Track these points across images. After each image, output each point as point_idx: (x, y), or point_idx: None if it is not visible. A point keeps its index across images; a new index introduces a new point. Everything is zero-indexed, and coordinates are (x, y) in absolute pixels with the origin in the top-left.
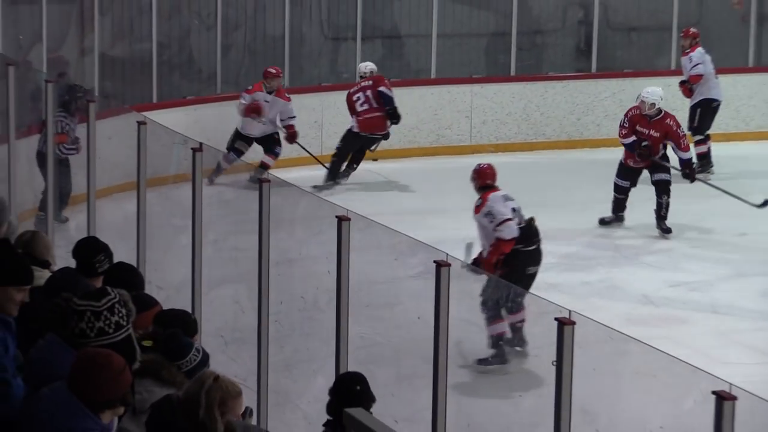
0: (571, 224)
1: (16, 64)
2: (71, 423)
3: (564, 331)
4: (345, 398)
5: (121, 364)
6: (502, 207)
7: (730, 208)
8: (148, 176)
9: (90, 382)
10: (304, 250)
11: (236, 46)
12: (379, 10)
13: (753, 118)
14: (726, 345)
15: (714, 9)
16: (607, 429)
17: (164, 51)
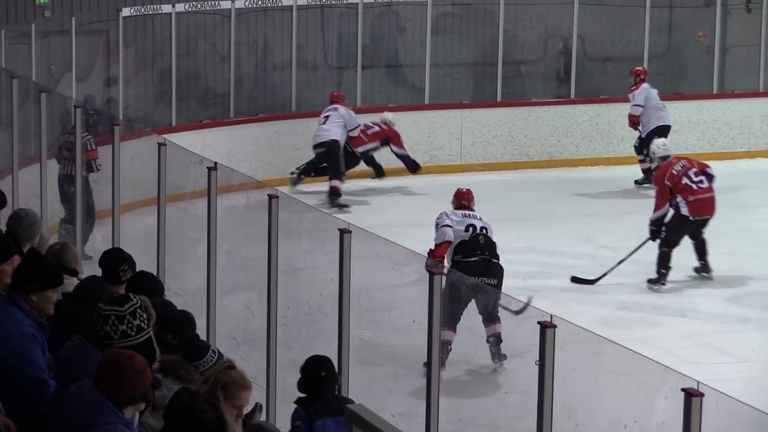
0: (552, 236)
1: (47, 92)
2: (96, 417)
3: (546, 334)
4: (312, 381)
5: (143, 363)
6: (446, 218)
7: None
8: (167, 193)
9: (114, 380)
10: (309, 259)
11: (247, 75)
12: (377, 42)
13: (717, 140)
14: (693, 346)
15: (681, 41)
16: (585, 423)
17: (182, 79)
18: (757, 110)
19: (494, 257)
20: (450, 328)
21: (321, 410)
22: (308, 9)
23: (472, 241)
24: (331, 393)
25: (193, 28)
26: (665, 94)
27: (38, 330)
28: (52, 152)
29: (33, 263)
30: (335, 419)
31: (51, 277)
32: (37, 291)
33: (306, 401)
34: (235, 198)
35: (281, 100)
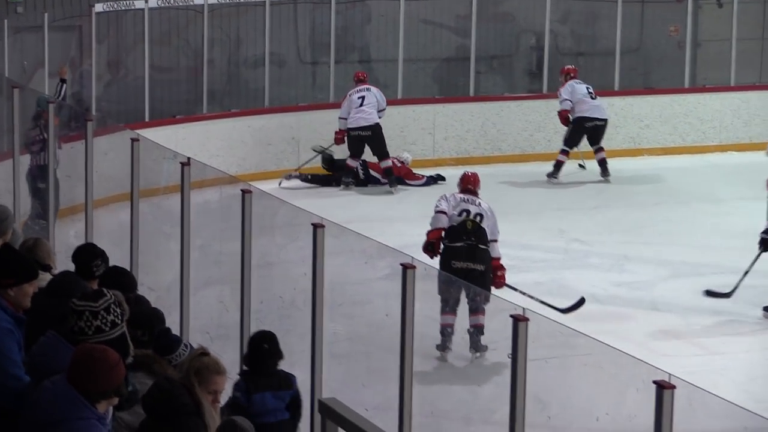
0: (524, 230)
1: (20, 87)
2: (70, 412)
3: (518, 327)
4: (254, 354)
5: (116, 358)
6: (444, 202)
7: (669, 215)
8: (140, 188)
9: (87, 375)
10: (283, 254)
11: (220, 70)
12: (350, 37)
13: (689, 134)
14: (665, 339)
15: (653, 36)
16: (557, 415)
17: (155, 75)
18: (729, 104)
19: (482, 243)
20: (450, 313)
21: (262, 384)
22: (281, 4)
23: (461, 227)
24: (273, 368)
25: (166, 24)
26: (637, 89)
27: (15, 325)
28: (24, 148)
29: (8, 258)
30: (274, 393)
31: (27, 271)
32: (14, 285)
33: (248, 374)
34: (209, 193)
35: (254, 95)
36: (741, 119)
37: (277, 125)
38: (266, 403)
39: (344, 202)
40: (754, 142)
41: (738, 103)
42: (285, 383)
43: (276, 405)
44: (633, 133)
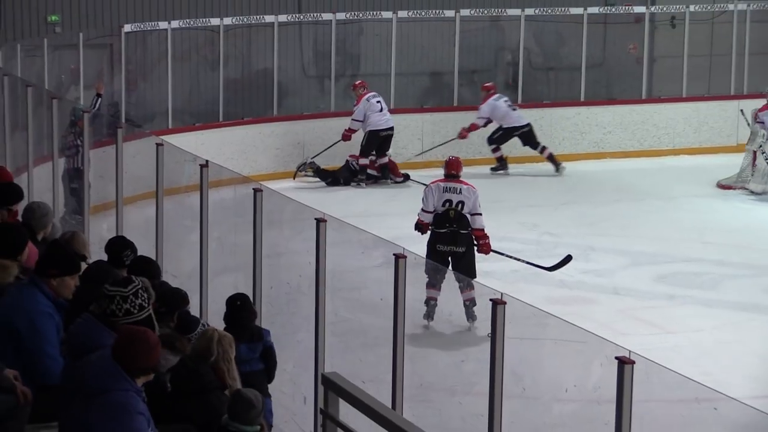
0: (503, 223)
1: (58, 98)
2: (113, 384)
3: (497, 310)
4: (230, 310)
5: (155, 340)
6: (429, 196)
7: (628, 210)
8: (164, 187)
9: (129, 353)
10: (290, 245)
11: (234, 83)
12: (348, 53)
13: (646, 139)
14: (625, 319)
15: (614, 53)
16: (531, 387)
17: (177, 87)
18: (681, 113)
19: (462, 229)
20: (435, 288)
21: (237, 336)
22: (288, 25)
23: (444, 215)
24: (247, 323)
25: (186, 42)
26: (600, 99)
27: (55, 310)
28: (60, 153)
29: (55, 252)
30: (248, 345)
31: (70, 265)
32: (57, 276)
33: (227, 329)
34: (224, 192)
35: (264, 105)
36: (691, 126)
37: (285, 132)
38: (240, 354)
39: (343, 199)
40: (703, 147)
41: (689, 112)
42: (257, 336)
43: (249, 355)
44: (597, 138)
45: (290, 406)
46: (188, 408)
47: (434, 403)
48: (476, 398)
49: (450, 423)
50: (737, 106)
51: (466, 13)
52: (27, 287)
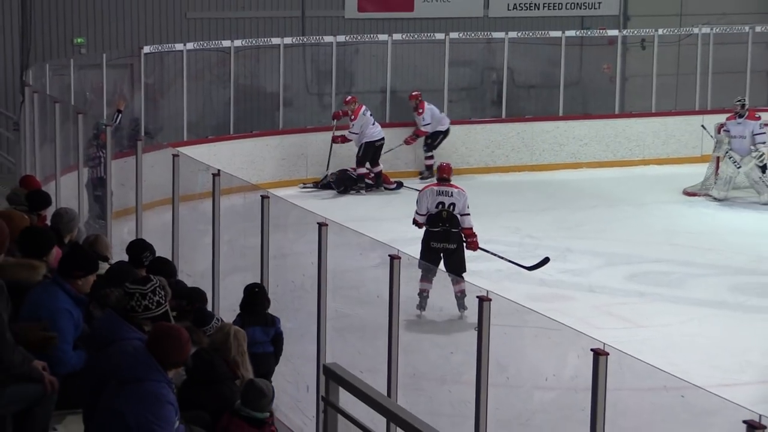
0: (488, 227)
1: (84, 113)
2: (147, 374)
3: (483, 306)
4: (249, 297)
5: (186, 337)
6: (423, 200)
7: (603, 215)
8: (180, 194)
9: (164, 347)
10: (294, 247)
11: (244, 99)
12: (347, 73)
13: (618, 151)
14: (600, 315)
15: (590, 71)
16: (514, 376)
17: (192, 103)
18: (650, 127)
19: (454, 227)
20: (427, 281)
21: (253, 321)
22: (292, 47)
23: (437, 216)
24: (261, 310)
25: (200, 63)
26: (577, 114)
27: (75, 306)
28: (86, 163)
29: (78, 255)
30: (263, 329)
31: (92, 265)
32: (82, 277)
33: (243, 315)
34: (235, 198)
35: (271, 119)
36: (660, 139)
37: (289, 144)
38: (256, 336)
39: (343, 205)
40: (670, 158)
41: (658, 126)
42: (271, 322)
43: (263, 338)
44: (574, 150)
45: (295, 394)
46: (202, 396)
47: (426, 391)
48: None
49: (440, 409)
50: (701, 121)
51: (455, 36)
52: (50, 286)
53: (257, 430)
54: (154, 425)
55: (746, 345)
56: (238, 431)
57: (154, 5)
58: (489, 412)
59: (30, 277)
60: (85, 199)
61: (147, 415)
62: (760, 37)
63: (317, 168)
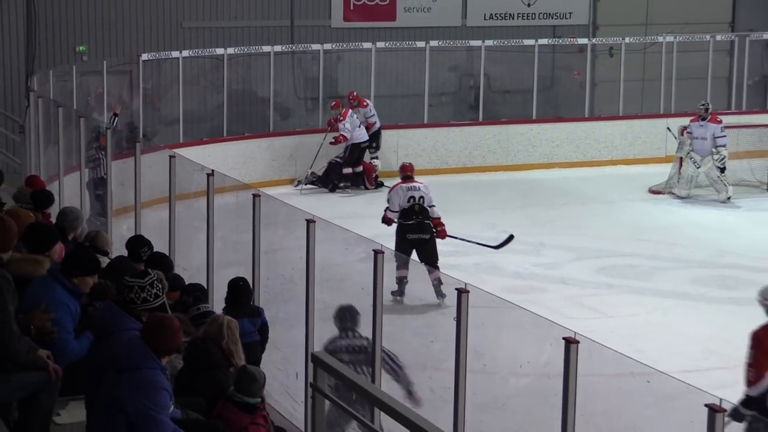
0: (466, 223)
1: (86, 117)
2: (142, 362)
3: (461, 297)
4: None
5: (178, 325)
6: (395, 197)
7: (574, 212)
8: (176, 193)
9: (157, 336)
10: (284, 242)
11: (236, 104)
12: (334, 79)
13: (588, 152)
14: (571, 306)
15: (561, 77)
16: (491, 363)
17: (187, 107)
18: (618, 130)
19: (426, 219)
20: (404, 268)
21: (241, 312)
22: (282, 54)
23: (410, 209)
24: (247, 301)
25: (195, 69)
26: (549, 117)
27: (72, 299)
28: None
29: (78, 255)
30: (250, 319)
31: (91, 267)
32: (78, 276)
33: (229, 308)
34: (228, 197)
35: (262, 122)
36: (627, 140)
37: (280, 145)
38: (244, 327)
39: (330, 204)
40: (637, 158)
41: (625, 129)
42: (257, 313)
43: (250, 328)
44: (547, 151)
45: (284, 380)
46: (198, 382)
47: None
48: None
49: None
50: (666, 124)
51: (435, 44)
52: (48, 281)
53: (249, 415)
54: (151, 410)
55: (708, 334)
56: (231, 416)
57: (152, 15)
58: (467, 397)
59: (35, 272)
60: (87, 197)
61: (143, 400)
62: (720, 45)
63: (305, 168)
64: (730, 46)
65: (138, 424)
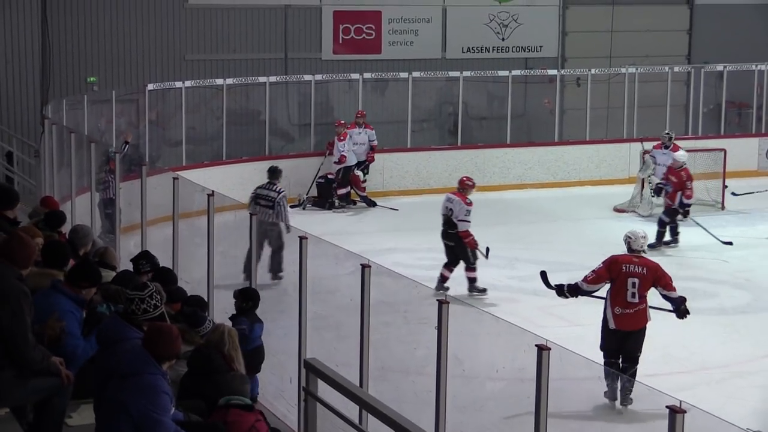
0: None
1: (96, 142)
2: (144, 368)
3: (442, 308)
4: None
5: (177, 333)
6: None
7: (545, 229)
8: (179, 212)
9: (157, 343)
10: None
11: (235, 129)
12: (325, 105)
13: (558, 173)
14: (544, 316)
15: (533, 105)
16: (470, 368)
17: (190, 133)
18: (585, 153)
19: (450, 229)
20: (446, 269)
21: (252, 318)
22: (277, 84)
23: (443, 217)
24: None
25: (197, 98)
26: (522, 142)
27: (77, 308)
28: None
29: (88, 269)
30: (259, 325)
31: (98, 279)
32: (87, 287)
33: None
34: (227, 216)
35: (258, 146)
36: (593, 163)
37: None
38: (256, 332)
39: (321, 221)
40: (602, 179)
41: (591, 152)
42: (259, 319)
43: (259, 333)
44: (520, 173)
45: (279, 385)
46: (201, 386)
47: (392, 382)
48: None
49: (405, 397)
50: (629, 149)
51: (417, 75)
52: (52, 293)
53: (253, 413)
54: (153, 413)
55: (668, 340)
56: (239, 418)
57: (157, 49)
58: (447, 400)
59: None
60: (97, 216)
61: (146, 404)
62: (678, 76)
63: (299, 189)
64: (687, 76)
65: (141, 425)
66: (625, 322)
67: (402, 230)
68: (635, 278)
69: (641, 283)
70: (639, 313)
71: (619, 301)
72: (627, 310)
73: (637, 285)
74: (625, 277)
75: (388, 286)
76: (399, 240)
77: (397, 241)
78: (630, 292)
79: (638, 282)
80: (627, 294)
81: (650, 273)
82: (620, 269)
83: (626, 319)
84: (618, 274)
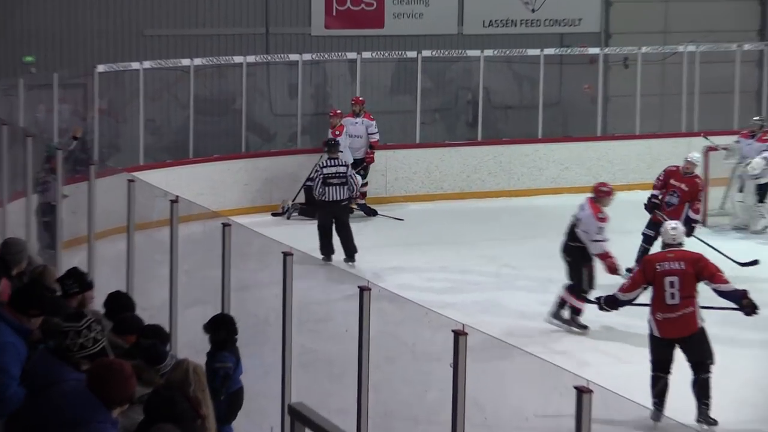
0: (463, 257)
1: (33, 136)
2: (90, 415)
3: (459, 341)
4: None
5: (130, 371)
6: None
7: None
8: (136, 222)
9: (106, 385)
10: (257, 278)
11: (204, 121)
12: (314, 95)
13: (601, 175)
14: (584, 350)
15: (570, 92)
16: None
17: (148, 125)
18: (634, 150)
19: (570, 241)
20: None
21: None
22: (256, 65)
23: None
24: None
25: (158, 82)
26: (557, 137)
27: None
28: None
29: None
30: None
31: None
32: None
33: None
34: (194, 226)
35: (233, 142)
36: (645, 162)
37: (253, 168)
38: (239, 371)
39: (309, 234)
40: None
41: (642, 149)
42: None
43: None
44: (554, 174)
45: None
46: None
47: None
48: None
49: None
50: (688, 144)
51: (428, 54)
52: None
53: None
54: None
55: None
56: None
57: (109, 22)
58: None
59: None
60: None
61: None
62: (749, 56)
63: (283, 194)
64: (760, 56)
65: None
66: (670, 329)
67: (409, 245)
68: (673, 276)
69: (681, 280)
70: (686, 316)
71: (660, 306)
72: (669, 314)
73: (676, 284)
74: (662, 277)
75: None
76: (405, 257)
77: (403, 259)
78: (669, 293)
79: (677, 280)
80: (666, 296)
81: (690, 266)
82: (654, 269)
83: (670, 325)
84: (653, 275)
